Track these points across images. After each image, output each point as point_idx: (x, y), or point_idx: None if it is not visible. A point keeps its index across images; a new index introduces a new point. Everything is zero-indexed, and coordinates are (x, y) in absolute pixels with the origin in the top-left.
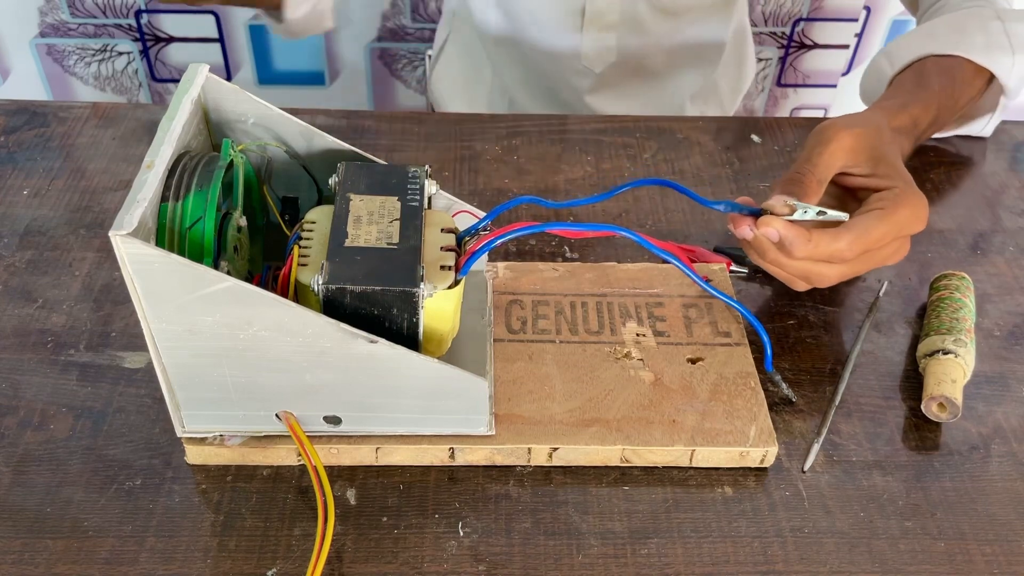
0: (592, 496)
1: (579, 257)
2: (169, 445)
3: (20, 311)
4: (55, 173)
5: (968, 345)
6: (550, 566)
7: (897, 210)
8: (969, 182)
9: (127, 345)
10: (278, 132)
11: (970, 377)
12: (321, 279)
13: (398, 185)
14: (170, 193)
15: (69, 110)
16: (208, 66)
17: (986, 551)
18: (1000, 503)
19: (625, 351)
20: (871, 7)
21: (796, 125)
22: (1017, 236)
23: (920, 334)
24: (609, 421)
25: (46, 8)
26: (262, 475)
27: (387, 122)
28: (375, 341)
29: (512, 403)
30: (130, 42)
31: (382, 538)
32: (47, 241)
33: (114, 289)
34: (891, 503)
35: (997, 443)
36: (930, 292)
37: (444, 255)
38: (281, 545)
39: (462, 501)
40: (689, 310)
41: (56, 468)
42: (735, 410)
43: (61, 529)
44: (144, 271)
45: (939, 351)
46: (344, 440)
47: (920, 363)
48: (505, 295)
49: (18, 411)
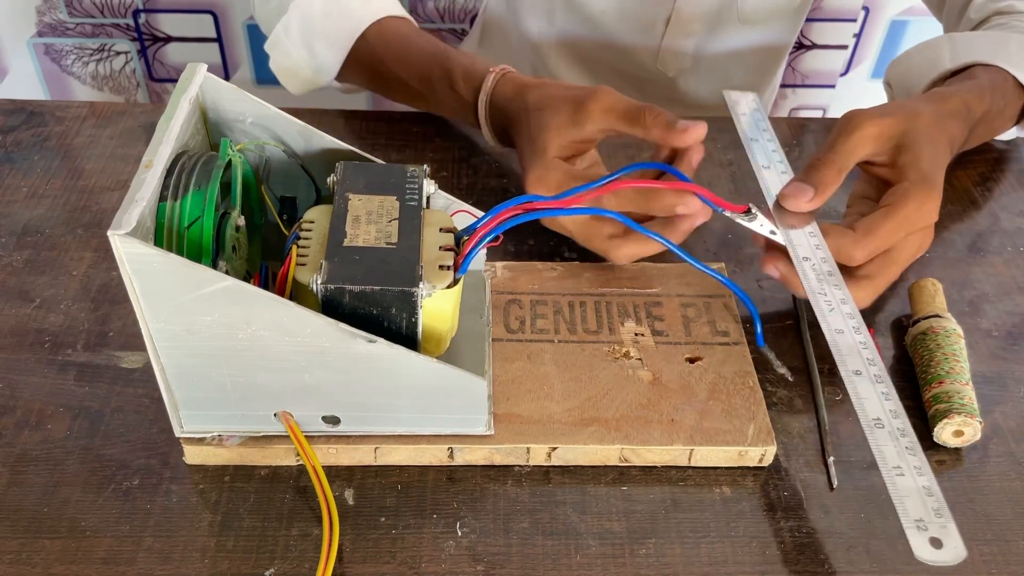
0: (591, 496)
1: (577, 256)
2: (167, 445)
3: (17, 311)
4: (53, 173)
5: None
6: (548, 566)
7: (903, 206)
8: (968, 182)
9: (125, 345)
10: (276, 131)
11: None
12: (320, 279)
13: (397, 185)
14: (168, 193)
15: (67, 109)
16: (206, 65)
17: (984, 551)
18: (998, 503)
19: (624, 350)
20: (870, 7)
21: (795, 125)
22: (1015, 236)
23: (919, 375)
24: (608, 420)
25: (44, 7)
26: (260, 475)
27: (386, 122)
28: (374, 341)
29: (511, 403)
30: (128, 42)
31: (380, 538)
32: (45, 241)
33: (112, 289)
34: (889, 503)
35: (995, 443)
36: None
37: (443, 255)
38: (279, 545)
39: (460, 501)
40: (687, 309)
41: (53, 468)
42: (734, 409)
43: (58, 529)
44: (142, 271)
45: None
46: (343, 440)
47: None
48: (503, 295)
49: (15, 411)
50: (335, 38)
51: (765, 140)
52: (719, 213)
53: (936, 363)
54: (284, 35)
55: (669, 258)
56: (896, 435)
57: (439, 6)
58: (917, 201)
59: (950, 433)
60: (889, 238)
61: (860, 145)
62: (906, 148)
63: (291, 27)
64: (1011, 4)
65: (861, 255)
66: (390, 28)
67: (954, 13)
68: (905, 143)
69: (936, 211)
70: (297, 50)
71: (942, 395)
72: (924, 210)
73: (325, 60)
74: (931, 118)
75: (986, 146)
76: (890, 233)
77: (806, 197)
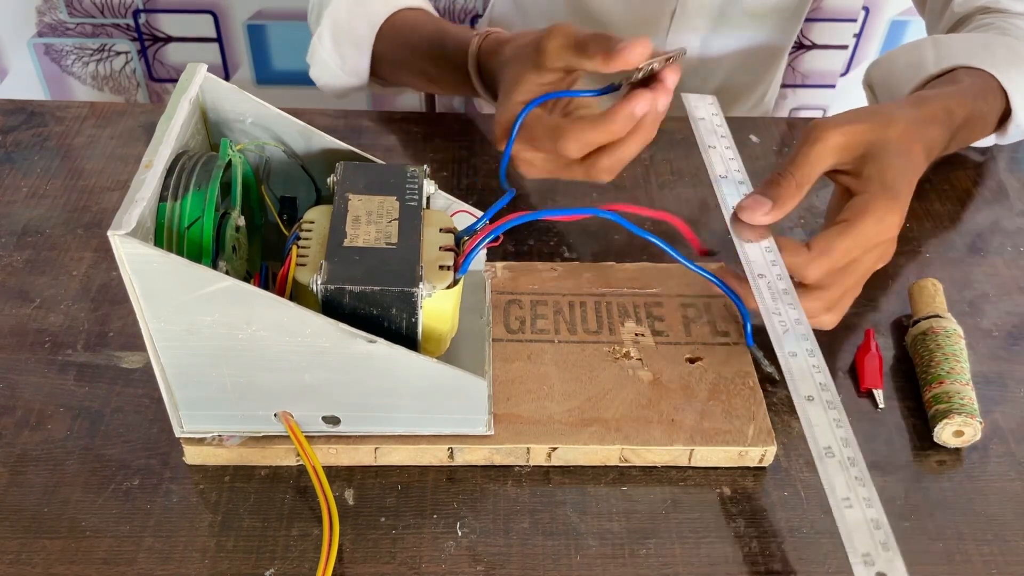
0: (591, 496)
1: (577, 257)
2: (167, 445)
3: (17, 311)
4: (53, 173)
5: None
6: (548, 566)
7: (860, 221)
8: (967, 182)
9: (125, 345)
10: (276, 132)
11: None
12: (320, 279)
13: (397, 185)
14: (168, 193)
15: (67, 110)
16: (206, 66)
17: (984, 551)
18: (998, 503)
19: (624, 351)
20: (870, 7)
21: (794, 126)
22: (1015, 236)
23: (919, 376)
24: (608, 421)
25: (44, 8)
26: (260, 475)
27: (385, 122)
28: (374, 341)
29: (511, 403)
30: (128, 42)
31: (380, 538)
32: (45, 241)
33: (112, 289)
34: (889, 503)
35: (995, 443)
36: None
37: (443, 255)
38: (279, 545)
39: (460, 501)
40: (688, 310)
41: (54, 468)
42: (734, 409)
43: (59, 529)
44: (142, 271)
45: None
46: (343, 440)
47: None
48: (503, 295)
49: (15, 411)
50: (359, 39)
51: (723, 147)
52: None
53: (936, 363)
54: (319, 45)
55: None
56: (846, 465)
57: (439, 6)
58: (876, 215)
59: (950, 433)
60: (844, 256)
61: (822, 157)
62: (872, 158)
63: (324, 36)
64: (995, 0)
65: (815, 275)
66: (401, 19)
67: (937, 7)
68: (872, 152)
69: (897, 224)
70: (331, 57)
71: (942, 395)
72: (884, 224)
73: (355, 63)
74: (905, 125)
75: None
76: (846, 252)
77: (763, 210)
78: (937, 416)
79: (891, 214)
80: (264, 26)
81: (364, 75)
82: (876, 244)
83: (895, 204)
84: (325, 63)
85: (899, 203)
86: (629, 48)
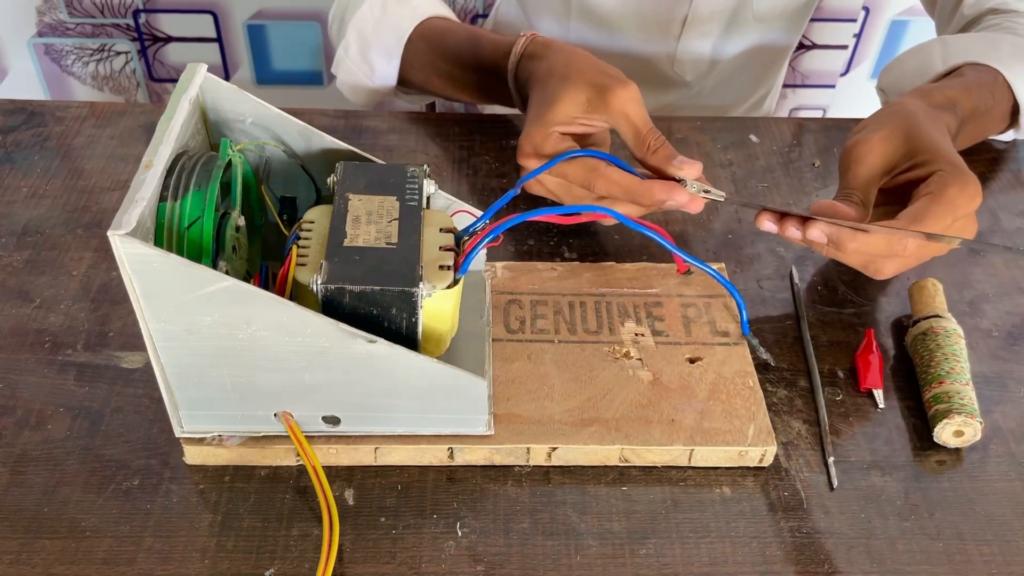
0: (591, 496)
1: (577, 257)
2: (167, 445)
3: (17, 311)
4: (53, 173)
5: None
6: (548, 566)
7: (945, 191)
8: None
9: (125, 345)
10: (276, 132)
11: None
12: (320, 279)
13: (397, 185)
14: (168, 193)
15: (67, 110)
16: (206, 66)
17: (984, 551)
18: (998, 503)
19: (624, 351)
20: (870, 7)
21: (794, 125)
22: (1015, 236)
23: (919, 376)
24: (608, 421)
25: (44, 8)
26: (260, 475)
27: (385, 122)
28: (374, 341)
29: (511, 403)
30: (128, 42)
31: (380, 538)
32: (45, 241)
33: (112, 289)
34: (889, 503)
35: (995, 443)
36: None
37: (443, 255)
38: (279, 545)
39: (460, 501)
40: (688, 310)
41: (53, 468)
42: (734, 409)
43: (58, 529)
44: (143, 271)
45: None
46: (343, 440)
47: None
48: (504, 295)
49: (15, 411)
50: (388, 47)
51: None
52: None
53: (936, 363)
54: (345, 54)
55: (670, 258)
56: None
57: None
58: (958, 185)
59: (950, 433)
60: (936, 227)
61: (873, 169)
62: (919, 145)
63: (350, 45)
64: (1005, 2)
65: (912, 244)
66: (430, 27)
67: (947, 9)
68: (915, 146)
69: (978, 196)
70: (358, 65)
71: (942, 395)
72: (967, 193)
73: (383, 70)
74: (923, 109)
75: (985, 146)
76: (938, 221)
77: (847, 219)
78: (937, 416)
79: (971, 184)
80: (264, 26)
81: (391, 83)
82: (960, 216)
83: (969, 175)
84: (350, 71)
85: (971, 175)
86: (688, 166)
